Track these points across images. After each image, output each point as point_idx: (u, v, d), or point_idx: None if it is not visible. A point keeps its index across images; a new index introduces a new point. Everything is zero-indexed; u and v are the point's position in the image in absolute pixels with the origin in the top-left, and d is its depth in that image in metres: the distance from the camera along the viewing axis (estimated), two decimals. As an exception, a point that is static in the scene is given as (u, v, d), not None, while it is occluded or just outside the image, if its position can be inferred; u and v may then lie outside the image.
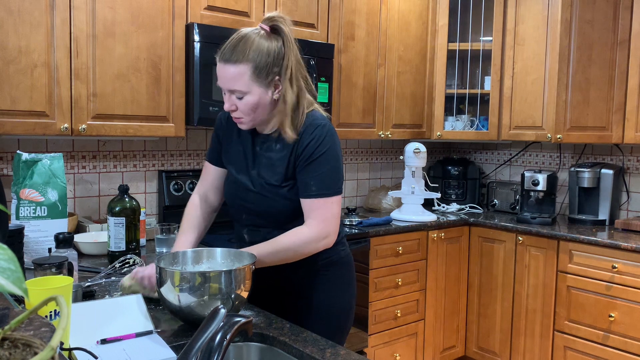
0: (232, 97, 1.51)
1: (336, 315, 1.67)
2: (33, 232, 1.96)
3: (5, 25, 2.00)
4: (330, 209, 1.52)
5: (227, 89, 1.51)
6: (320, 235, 1.52)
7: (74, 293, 1.41)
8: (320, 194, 1.51)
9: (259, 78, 1.47)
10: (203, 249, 1.52)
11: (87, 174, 2.57)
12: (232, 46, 1.47)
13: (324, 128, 1.53)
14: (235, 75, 1.47)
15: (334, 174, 1.53)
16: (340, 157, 1.57)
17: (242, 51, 1.46)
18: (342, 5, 2.98)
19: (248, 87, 1.48)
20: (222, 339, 0.90)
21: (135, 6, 2.28)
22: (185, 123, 2.47)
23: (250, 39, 1.47)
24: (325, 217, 1.52)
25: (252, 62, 1.45)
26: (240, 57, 1.45)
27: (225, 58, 1.47)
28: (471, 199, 3.73)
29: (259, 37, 1.48)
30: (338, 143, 1.57)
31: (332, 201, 1.52)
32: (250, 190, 1.60)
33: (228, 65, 1.47)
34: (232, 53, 1.46)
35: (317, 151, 1.51)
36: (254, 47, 1.46)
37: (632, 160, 3.28)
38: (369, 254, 2.85)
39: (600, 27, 3.08)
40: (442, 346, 3.29)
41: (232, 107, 1.52)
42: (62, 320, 0.56)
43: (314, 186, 1.51)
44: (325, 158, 1.52)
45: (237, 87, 1.48)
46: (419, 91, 3.44)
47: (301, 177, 1.53)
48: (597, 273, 2.78)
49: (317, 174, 1.51)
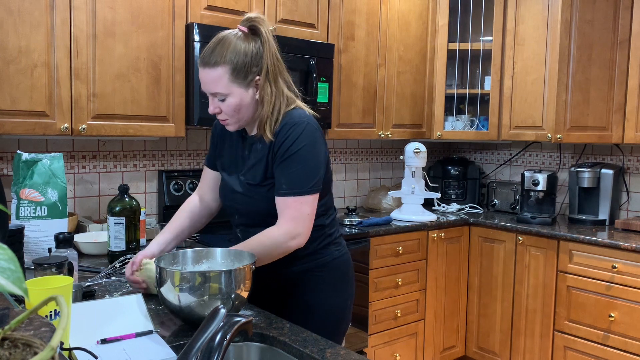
0: (215, 100, 1.53)
1: (330, 315, 1.66)
2: (33, 232, 1.96)
3: (5, 25, 2.00)
4: (300, 209, 1.50)
5: (209, 92, 1.53)
6: (288, 234, 1.50)
7: (74, 293, 1.42)
8: (290, 193, 1.50)
9: (238, 79, 1.49)
10: (203, 249, 1.52)
11: (87, 174, 2.57)
12: (210, 50, 1.50)
13: (299, 126, 1.52)
14: (214, 78, 1.49)
15: (308, 173, 1.51)
16: (320, 156, 1.54)
17: (220, 54, 1.48)
18: (342, 5, 2.98)
19: (228, 89, 1.50)
20: (222, 339, 0.90)
21: (135, 6, 2.28)
22: (185, 123, 2.47)
23: (228, 41, 1.49)
24: (294, 217, 1.50)
25: (229, 64, 1.48)
26: (218, 59, 1.48)
27: (205, 62, 1.50)
28: (471, 199, 3.73)
29: (236, 39, 1.50)
30: (319, 142, 1.54)
31: (302, 200, 1.50)
32: (237, 191, 1.62)
33: (207, 69, 1.50)
34: (211, 56, 1.49)
35: (290, 149, 1.50)
36: (230, 48, 1.48)
37: (632, 160, 3.28)
38: (369, 254, 2.85)
39: (600, 27, 3.08)
40: (442, 346, 3.29)
41: (217, 110, 1.54)
42: (62, 320, 0.56)
43: (284, 184, 1.51)
44: (298, 156, 1.50)
45: (217, 89, 1.50)
46: (419, 91, 3.44)
47: (276, 176, 1.54)
48: (597, 273, 2.78)
49: (288, 172, 1.51)
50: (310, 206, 1.52)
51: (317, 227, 1.60)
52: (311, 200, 1.52)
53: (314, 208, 1.54)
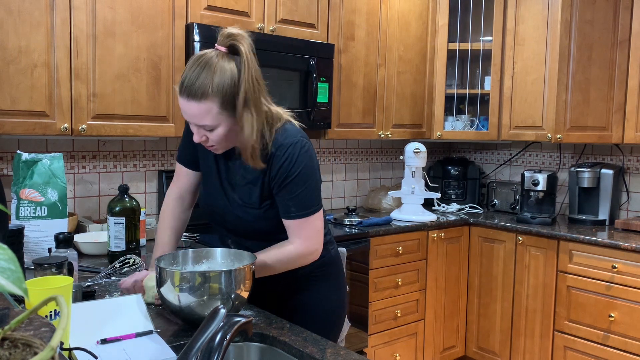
0: (201, 130, 1.43)
1: (331, 311, 1.69)
2: (33, 232, 1.96)
3: (5, 25, 2.00)
4: (313, 227, 1.51)
5: (195, 125, 1.42)
6: (306, 252, 1.52)
7: (74, 293, 1.41)
8: (301, 215, 1.48)
9: (227, 109, 1.38)
10: (203, 249, 1.52)
11: (87, 174, 2.57)
12: (194, 77, 1.35)
13: (296, 146, 1.46)
14: (202, 112, 1.37)
15: (312, 192, 1.49)
16: (317, 171, 1.52)
17: (205, 85, 1.34)
18: (342, 5, 2.98)
19: (217, 121, 1.39)
20: (222, 339, 0.90)
21: (135, 6, 2.28)
22: (185, 123, 2.46)
23: (212, 68, 1.35)
24: (309, 235, 1.50)
25: (217, 96, 1.36)
26: (206, 91, 1.35)
27: (189, 93, 1.36)
28: (471, 199, 3.73)
29: (220, 61, 1.37)
30: (313, 157, 1.51)
31: (313, 219, 1.50)
32: (228, 211, 1.57)
33: (193, 102, 1.36)
34: (195, 88, 1.35)
35: (292, 172, 1.46)
36: (216, 77, 1.35)
37: (632, 160, 3.28)
38: (369, 254, 2.85)
39: (600, 27, 3.08)
40: (442, 346, 3.29)
41: (203, 139, 1.44)
42: (62, 320, 0.56)
43: (293, 207, 1.48)
44: (301, 177, 1.47)
45: (205, 122, 1.39)
46: (419, 91, 3.44)
47: (279, 199, 1.50)
48: (597, 273, 2.78)
49: (294, 195, 1.47)
50: (320, 220, 1.54)
51: None
52: (319, 215, 1.53)
53: (322, 221, 1.55)
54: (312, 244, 1.52)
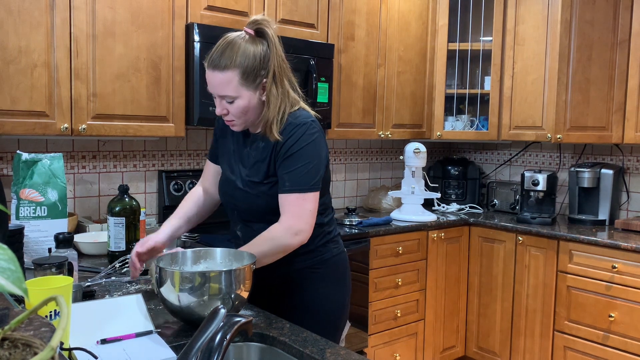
0: (222, 102, 1.54)
1: (331, 312, 1.69)
2: (33, 232, 1.96)
3: (5, 25, 2.00)
4: (303, 205, 1.52)
5: (217, 95, 1.54)
6: (291, 230, 1.52)
7: (74, 293, 1.41)
8: (292, 190, 1.52)
9: (247, 82, 1.50)
10: (202, 249, 1.52)
11: (87, 174, 2.57)
12: (219, 53, 1.50)
13: (304, 126, 1.55)
14: (224, 81, 1.50)
15: (310, 171, 1.54)
16: (322, 156, 1.57)
17: (229, 57, 1.49)
18: (342, 5, 2.98)
19: (237, 92, 1.51)
20: (222, 339, 0.90)
21: (135, 6, 2.28)
22: (185, 123, 2.47)
23: (237, 45, 1.50)
24: (296, 213, 1.52)
25: (239, 68, 1.49)
26: (228, 63, 1.48)
27: (214, 65, 1.50)
28: (471, 199, 3.73)
29: (244, 42, 1.51)
30: (320, 142, 1.57)
31: (305, 197, 1.52)
32: (237, 187, 1.64)
33: (216, 72, 1.50)
34: (220, 59, 1.49)
35: (293, 147, 1.53)
36: (240, 52, 1.49)
37: (632, 160, 3.28)
38: (369, 254, 2.85)
39: (600, 27, 3.08)
40: (442, 346, 3.29)
41: (224, 112, 1.55)
42: (62, 320, 0.56)
43: (287, 181, 1.53)
44: (302, 154, 1.53)
45: (226, 92, 1.51)
46: (419, 91, 3.44)
47: (279, 174, 1.56)
48: (597, 273, 2.78)
49: (291, 169, 1.53)
50: (311, 203, 1.54)
51: (316, 225, 1.61)
52: (312, 197, 1.54)
53: (315, 205, 1.56)
54: (298, 222, 1.52)
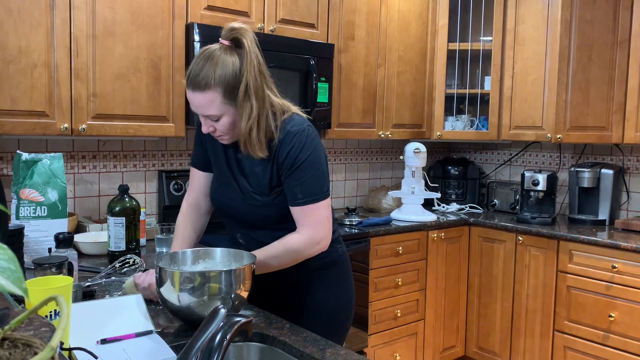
0: (208, 121, 1.49)
1: (335, 314, 1.68)
2: (33, 232, 1.96)
3: (5, 25, 2.00)
4: (320, 214, 1.52)
5: (201, 115, 1.48)
6: (313, 241, 1.52)
7: (74, 293, 1.41)
8: (307, 201, 1.50)
9: (230, 99, 1.44)
10: (202, 249, 1.52)
11: (87, 174, 2.57)
12: (198, 69, 1.42)
13: (302, 134, 1.50)
14: (206, 102, 1.43)
15: (319, 179, 1.52)
16: (324, 160, 1.55)
17: (208, 74, 1.41)
18: (342, 5, 2.98)
19: (221, 111, 1.45)
20: (222, 339, 0.90)
21: (135, 6, 2.28)
22: (185, 123, 2.47)
23: (214, 60, 1.42)
24: (315, 223, 1.51)
25: (220, 86, 1.41)
26: (209, 81, 1.41)
27: (193, 84, 1.43)
28: (471, 199, 3.73)
29: (223, 54, 1.43)
30: (319, 146, 1.54)
31: (320, 206, 1.51)
32: (238, 199, 1.59)
33: (197, 93, 1.43)
34: (199, 78, 1.42)
35: (299, 158, 1.49)
36: (218, 69, 1.41)
37: (632, 160, 3.28)
38: (369, 254, 2.85)
39: (600, 27, 3.08)
40: (442, 346, 3.29)
41: (211, 129, 1.50)
42: (62, 320, 0.56)
43: (300, 194, 1.50)
44: (308, 164, 1.50)
45: (210, 112, 1.45)
46: (419, 91, 3.44)
47: (287, 186, 1.52)
48: (597, 273, 2.78)
49: (301, 181, 1.50)
50: (327, 210, 1.54)
51: None
52: (326, 204, 1.54)
53: (330, 211, 1.56)
54: (319, 231, 1.52)
